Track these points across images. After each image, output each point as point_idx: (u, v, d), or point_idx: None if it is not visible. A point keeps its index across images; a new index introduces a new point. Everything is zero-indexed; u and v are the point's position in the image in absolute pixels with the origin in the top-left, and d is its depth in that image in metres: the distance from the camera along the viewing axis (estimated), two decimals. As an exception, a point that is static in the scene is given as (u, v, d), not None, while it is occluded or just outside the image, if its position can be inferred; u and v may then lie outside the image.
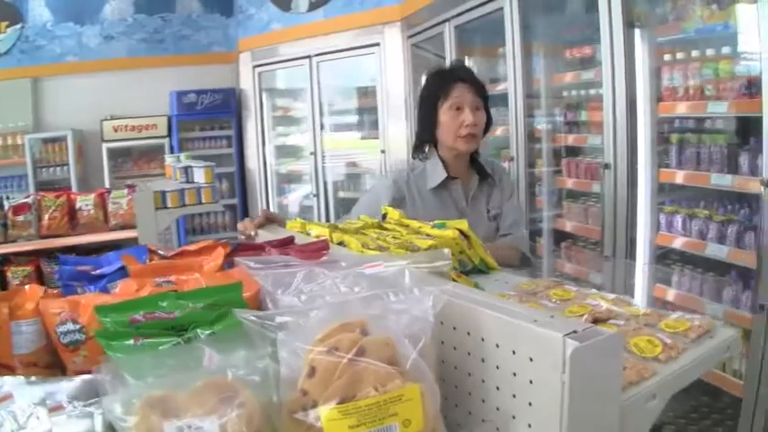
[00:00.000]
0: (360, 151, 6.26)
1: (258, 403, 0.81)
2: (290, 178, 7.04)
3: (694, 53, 2.84)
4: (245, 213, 6.89)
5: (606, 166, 3.03)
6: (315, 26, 6.02)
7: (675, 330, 1.15)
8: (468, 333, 0.99)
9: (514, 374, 0.93)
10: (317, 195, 6.26)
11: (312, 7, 6.11)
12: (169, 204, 3.82)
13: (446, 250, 1.17)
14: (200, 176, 4.00)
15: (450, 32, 4.42)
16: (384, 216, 1.94)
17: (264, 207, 6.57)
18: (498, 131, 4.13)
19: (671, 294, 3.04)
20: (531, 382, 0.91)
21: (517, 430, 0.94)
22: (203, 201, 3.96)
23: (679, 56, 2.90)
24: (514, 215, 2.42)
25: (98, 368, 0.85)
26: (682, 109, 2.90)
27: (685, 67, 2.86)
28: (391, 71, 5.44)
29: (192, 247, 1.38)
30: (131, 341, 0.94)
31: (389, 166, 5.50)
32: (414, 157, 2.45)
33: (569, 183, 3.70)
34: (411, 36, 5.16)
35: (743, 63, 2.60)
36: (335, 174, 6.37)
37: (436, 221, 1.74)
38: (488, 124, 2.34)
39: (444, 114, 2.27)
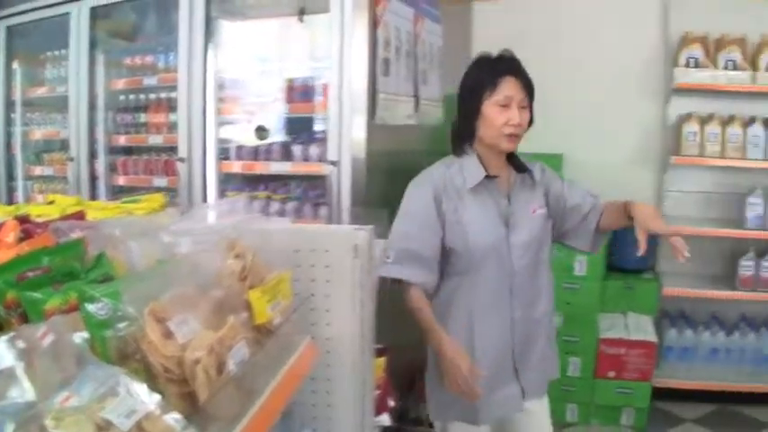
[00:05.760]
0: None
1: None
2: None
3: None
4: None
5: (181, 159, 3.65)
6: None
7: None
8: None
9: (312, 265, 1.60)
10: None
11: None
12: None
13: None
14: None
15: (1, 33, 4.45)
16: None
17: None
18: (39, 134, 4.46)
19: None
20: (326, 266, 1.58)
21: (317, 302, 1.60)
22: None
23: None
24: (579, 189, 2.46)
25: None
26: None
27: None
28: None
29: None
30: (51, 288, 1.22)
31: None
32: (454, 153, 2.40)
33: (122, 180, 4.18)
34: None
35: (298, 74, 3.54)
36: None
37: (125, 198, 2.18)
38: (530, 124, 2.34)
39: (489, 109, 2.24)
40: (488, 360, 2.30)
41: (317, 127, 3.55)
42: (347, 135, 2.93)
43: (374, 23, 2.92)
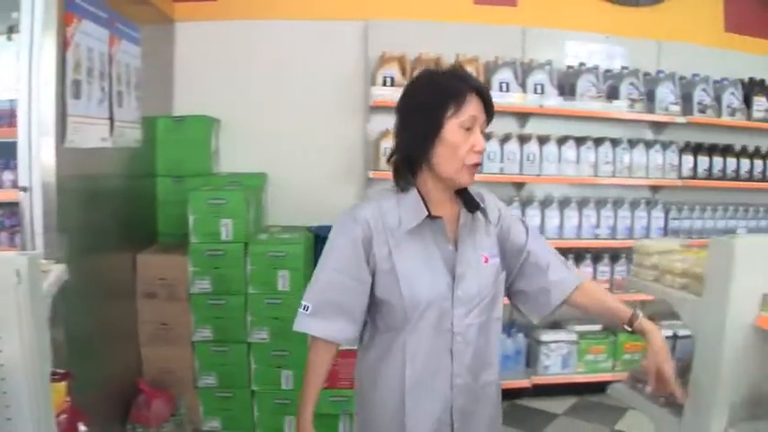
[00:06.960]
0: None
1: None
2: None
3: None
4: None
5: None
6: None
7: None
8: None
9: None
10: None
11: None
12: None
13: None
14: None
15: None
16: None
17: None
18: None
19: None
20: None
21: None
22: None
23: None
24: (546, 250, 2.10)
25: None
26: None
27: None
28: None
29: None
30: None
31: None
32: (398, 185, 1.97)
33: None
34: None
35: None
36: None
37: None
38: None
39: (452, 131, 1.83)
40: None
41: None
42: (36, 160, 2.86)
43: (64, 44, 2.88)
